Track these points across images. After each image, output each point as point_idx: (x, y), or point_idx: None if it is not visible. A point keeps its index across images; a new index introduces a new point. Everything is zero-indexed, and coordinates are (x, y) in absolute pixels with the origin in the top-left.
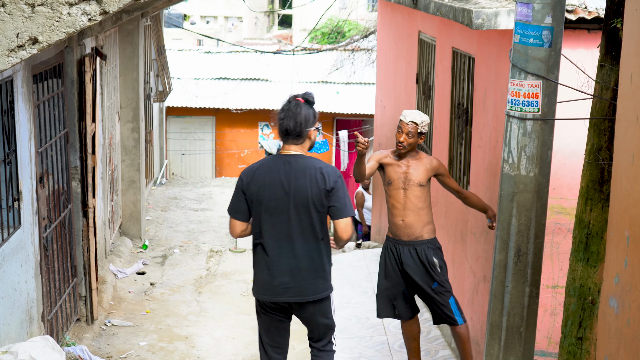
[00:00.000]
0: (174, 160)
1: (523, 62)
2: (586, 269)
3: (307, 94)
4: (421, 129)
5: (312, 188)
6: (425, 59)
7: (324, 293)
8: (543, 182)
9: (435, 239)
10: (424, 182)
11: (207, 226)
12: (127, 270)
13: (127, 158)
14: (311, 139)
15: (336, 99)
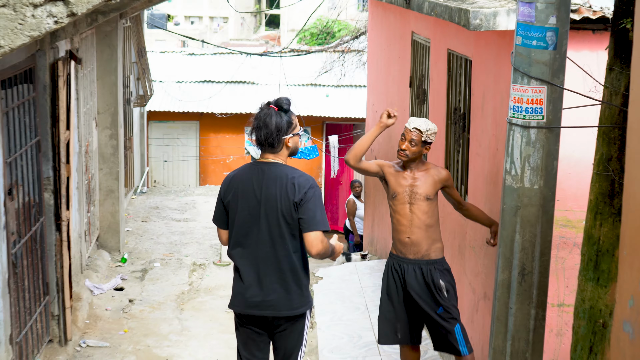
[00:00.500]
0: (156, 167)
1: (526, 66)
2: (596, 289)
3: (280, 100)
4: (426, 137)
5: (281, 198)
6: (419, 61)
7: (300, 309)
8: (549, 195)
9: (443, 259)
10: (431, 196)
11: (190, 237)
12: (105, 286)
13: (105, 166)
14: (290, 147)
15: (326, 103)
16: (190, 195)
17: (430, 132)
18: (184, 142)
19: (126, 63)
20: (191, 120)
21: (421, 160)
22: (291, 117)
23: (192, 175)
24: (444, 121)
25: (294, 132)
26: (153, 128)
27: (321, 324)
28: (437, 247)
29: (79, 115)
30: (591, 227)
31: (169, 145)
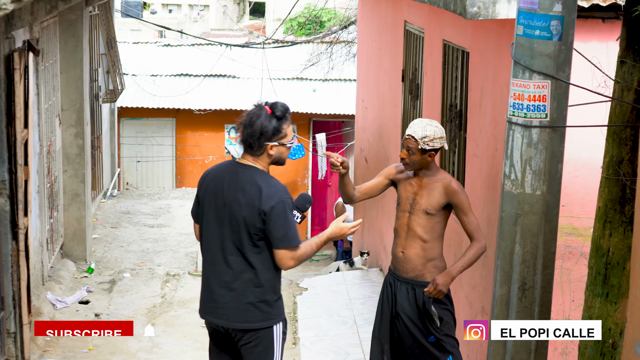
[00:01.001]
0: (129, 168)
1: (527, 59)
2: (605, 306)
3: (276, 104)
4: (423, 145)
5: (246, 206)
6: (412, 53)
7: (256, 324)
8: (552, 202)
9: None
10: (432, 210)
11: (164, 245)
12: (68, 299)
13: (69, 168)
14: (272, 155)
15: (313, 98)
16: (165, 198)
17: (429, 139)
18: (158, 140)
19: (94, 55)
20: (167, 117)
21: (434, 168)
22: (281, 125)
23: (168, 177)
24: (439, 119)
25: (281, 142)
26: (125, 125)
27: (305, 339)
28: (435, 267)
29: (40, 112)
30: (599, 237)
31: (142, 145)
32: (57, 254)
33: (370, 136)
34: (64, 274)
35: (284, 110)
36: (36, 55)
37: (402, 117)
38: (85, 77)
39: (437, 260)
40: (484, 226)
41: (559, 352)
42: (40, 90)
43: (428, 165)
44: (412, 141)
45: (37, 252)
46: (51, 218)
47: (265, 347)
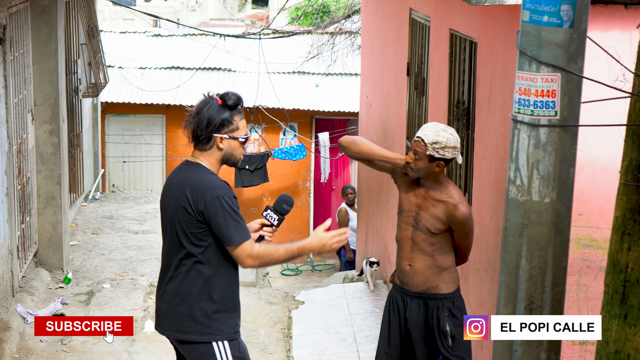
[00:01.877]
0: (114, 169)
1: (534, 49)
2: (623, 329)
3: (227, 93)
4: (432, 151)
5: (180, 205)
6: (418, 44)
7: (190, 336)
8: (563, 211)
9: (456, 293)
10: (435, 230)
11: (149, 253)
12: (40, 312)
13: (44, 168)
14: (222, 149)
15: (315, 94)
16: (152, 202)
17: (439, 146)
18: (147, 139)
19: (72, 45)
20: (156, 113)
21: (440, 181)
22: (233, 117)
23: (157, 179)
24: (446, 117)
25: (232, 135)
26: (110, 122)
27: (299, 359)
28: (449, 278)
29: (8, 107)
30: (617, 251)
31: (129, 143)
32: (29, 263)
33: (374, 135)
34: (37, 285)
35: (236, 100)
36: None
37: (407, 115)
38: (61, 68)
39: (451, 270)
40: (493, 236)
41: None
42: (8, 83)
43: (436, 176)
44: (420, 144)
45: (5, 260)
46: (23, 223)
47: None
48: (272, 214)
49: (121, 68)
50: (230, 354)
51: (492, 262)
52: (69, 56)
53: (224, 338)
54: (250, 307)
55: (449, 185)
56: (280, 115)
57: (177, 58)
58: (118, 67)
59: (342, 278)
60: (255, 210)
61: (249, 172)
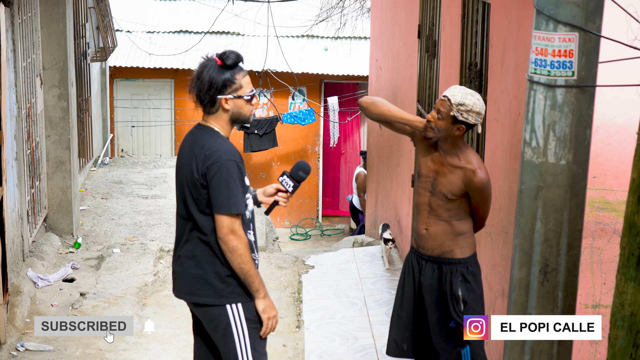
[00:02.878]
0: (123, 134)
1: (552, 7)
2: (639, 292)
3: (225, 53)
4: (456, 112)
5: (188, 169)
6: (429, 6)
7: (204, 299)
8: (579, 173)
9: (471, 258)
10: (452, 196)
11: (158, 218)
12: (51, 276)
13: (53, 133)
14: (228, 110)
15: (324, 58)
16: (161, 167)
17: (465, 108)
18: (155, 103)
19: (80, 8)
20: (164, 77)
21: (460, 147)
22: (234, 76)
23: (166, 143)
24: (458, 79)
25: (236, 94)
26: (119, 87)
27: (309, 322)
28: (465, 243)
29: (17, 71)
30: (634, 213)
31: (137, 108)
32: (40, 227)
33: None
34: (47, 249)
35: (236, 58)
36: (8, 6)
37: (418, 78)
38: (69, 32)
39: (467, 235)
40: (505, 199)
41: (589, 341)
42: (17, 47)
43: (455, 140)
44: (446, 104)
45: (15, 225)
46: (32, 188)
47: (224, 331)
48: (288, 180)
49: (129, 32)
50: (244, 316)
51: (505, 225)
52: (77, 20)
53: (237, 301)
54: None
55: (467, 151)
56: (289, 80)
57: (185, 22)
58: (126, 31)
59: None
60: (264, 175)
61: (258, 137)
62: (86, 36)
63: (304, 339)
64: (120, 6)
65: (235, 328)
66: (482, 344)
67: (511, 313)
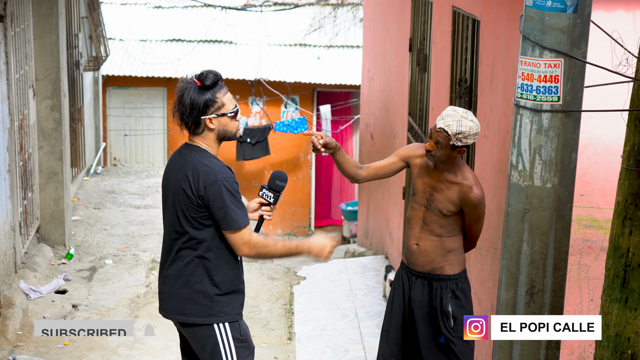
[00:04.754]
0: (116, 142)
1: (538, 33)
2: (624, 313)
3: (203, 74)
4: (455, 141)
5: (181, 189)
6: (420, 20)
7: (192, 318)
8: (565, 196)
9: (461, 275)
10: (447, 212)
11: (151, 228)
12: (44, 288)
13: (45, 144)
14: (214, 129)
15: (316, 66)
16: (154, 176)
17: (463, 135)
18: (148, 112)
19: (73, 18)
20: (157, 86)
21: (458, 165)
22: (215, 95)
23: (159, 152)
24: (448, 95)
25: (219, 112)
26: (111, 95)
27: (301, 334)
28: (455, 260)
29: (10, 83)
30: (618, 236)
31: (130, 116)
32: (32, 239)
33: (376, 110)
34: (40, 261)
35: (215, 77)
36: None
37: (410, 91)
38: (62, 43)
39: (457, 251)
40: (494, 216)
41: (576, 357)
42: (9, 59)
43: (454, 159)
44: (443, 135)
45: (8, 236)
46: (25, 199)
47: (211, 351)
48: (267, 192)
49: (122, 40)
50: (232, 335)
51: (494, 241)
52: (70, 30)
53: (225, 320)
54: (252, 283)
55: (464, 168)
56: (282, 88)
57: (178, 30)
58: (119, 39)
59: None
60: (256, 183)
61: (251, 145)
62: (79, 46)
63: (295, 352)
64: (113, 15)
65: (223, 347)
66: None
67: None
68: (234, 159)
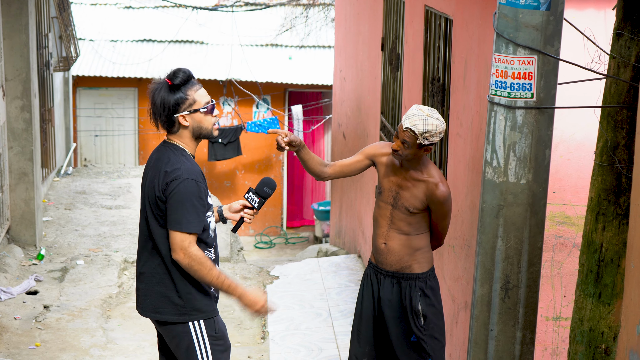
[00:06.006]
0: (86, 143)
1: (511, 31)
2: (597, 308)
3: (174, 71)
4: (421, 140)
5: (150, 185)
6: (392, 20)
7: (167, 317)
8: (539, 192)
9: (429, 273)
10: (414, 210)
11: (123, 229)
12: (14, 289)
13: (15, 144)
14: (189, 127)
15: (288, 67)
16: (125, 177)
17: (429, 134)
18: (119, 112)
19: (43, 18)
20: (128, 86)
21: (424, 163)
22: (186, 93)
23: (130, 152)
24: (421, 93)
25: (191, 109)
26: (82, 96)
27: (274, 334)
28: (423, 258)
29: None
30: (592, 231)
31: (101, 117)
32: (2, 240)
33: (348, 110)
34: (10, 262)
35: (185, 76)
36: None
37: (382, 90)
38: (32, 43)
39: (425, 250)
40: (467, 213)
41: (550, 353)
42: None
43: (419, 157)
44: (409, 134)
45: None
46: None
47: (186, 348)
48: (253, 196)
49: (92, 41)
50: (206, 333)
51: (467, 239)
52: (40, 30)
53: (199, 318)
54: None
55: (429, 165)
56: (254, 88)
57: (149, 30)
58: (89, 39)
59: (316, 252)
60: (228, 184)
61: (222, 146)
62: (49, 46)
63: (269, 351)
64: (83, 15)
65: (198, 345)
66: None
67: (473, 329)
68: (205, 159)
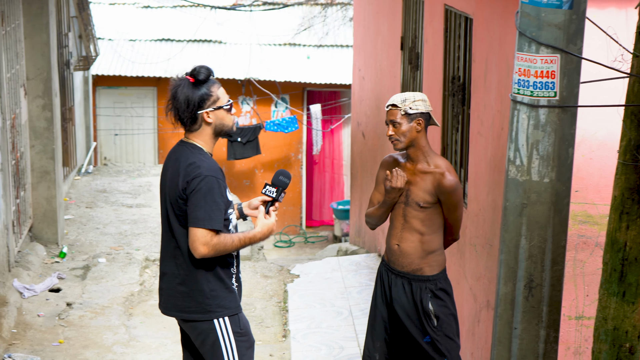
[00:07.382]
0: (106, 142)
1: (534, 30)
2: (622, 307)
3: (196, 69)
4: (406, 108)
5: (171, 185)
6: (412, 19)
7: (192, 315)
8: (562, 191)
9: (440, 275)
10: (424, 204)
11: (143, 227)
12: (37, 286)
13: (37, 143)
14: (212, 123)
15: (307, 66)
16: (145, 175)
17: (409, 101)
18: (138, 112)
19: (63, 18)
20: (147, 85)
21: (427, 153)
22: (210, 89)
23: (150, 151)
24: (441, 92)
25: (215, 106)
26: (101, 95)
27: (296, 332)
28: (434, 261)
29: (1, 82)
30: (615, 230)
31: (120, 116)
32: (25, 237)
33: (367, 109)
34: (33, 259)
35: (207, 72)
36: None
37: (401, 89)
38: (53, 42)
39: (437, 253)
40: (489, 212)
41: (572, 352)
42: (0, 58)
43: (419, 143)
44: (393, 111)
45: (1, 235)
46: (17, 198)
47: (212, 345)
48: (270, 188)
49: (111, 40)
50: (231, 330)
51: (489, 237)
52: (60, 29)
53: (224, 314)
54: (246, 281)
55: (435, 157)
56: (272, 88)
57: (167, 30)
58: (108, 39)
59: (335, 250)
60: (247, 183)
61: (241, 145)
62: (69, 45)
63: (291, 349)
64: (103, 14)
65: (223, 341)
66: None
67: (497, 327)
68: (224, 159)
